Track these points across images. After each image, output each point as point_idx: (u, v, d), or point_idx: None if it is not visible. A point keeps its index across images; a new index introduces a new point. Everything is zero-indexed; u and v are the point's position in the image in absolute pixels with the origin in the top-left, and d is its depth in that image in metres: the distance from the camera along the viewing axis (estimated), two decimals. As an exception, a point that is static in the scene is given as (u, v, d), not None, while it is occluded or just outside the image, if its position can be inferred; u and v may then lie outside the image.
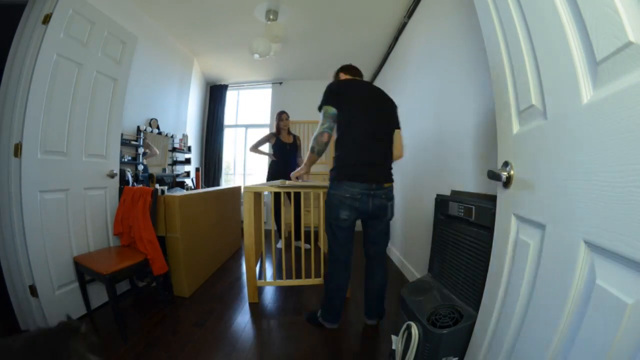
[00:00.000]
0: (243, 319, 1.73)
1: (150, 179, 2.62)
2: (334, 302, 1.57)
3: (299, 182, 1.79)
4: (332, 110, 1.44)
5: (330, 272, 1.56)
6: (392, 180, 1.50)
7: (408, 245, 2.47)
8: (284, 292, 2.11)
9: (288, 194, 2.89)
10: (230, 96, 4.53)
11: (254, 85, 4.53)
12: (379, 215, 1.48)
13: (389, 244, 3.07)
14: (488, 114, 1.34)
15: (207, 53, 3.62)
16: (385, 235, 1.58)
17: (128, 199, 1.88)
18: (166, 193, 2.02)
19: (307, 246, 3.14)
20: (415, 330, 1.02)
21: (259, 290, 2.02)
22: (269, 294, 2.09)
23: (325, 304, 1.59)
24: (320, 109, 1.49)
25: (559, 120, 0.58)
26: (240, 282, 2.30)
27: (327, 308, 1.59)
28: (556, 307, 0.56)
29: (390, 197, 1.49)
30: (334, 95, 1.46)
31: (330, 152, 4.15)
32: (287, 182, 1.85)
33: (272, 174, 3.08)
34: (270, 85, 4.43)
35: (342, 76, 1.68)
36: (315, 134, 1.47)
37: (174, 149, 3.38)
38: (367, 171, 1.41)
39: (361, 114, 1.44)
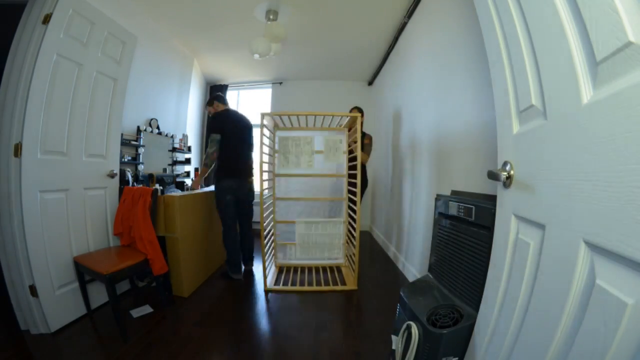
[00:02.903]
0: (243, 319, 1.73)
1: (150, 179, 2.62)
2: (234, 256, 2.26)
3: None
4: (218, 137, 2.16)
5: (224, 235, 2.25)
6: (252, 176, 2.42)
7: (408, 245, 2.47)
8: (285, 292, 2.11)
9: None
10: (231, 96, 4.52)
11: (254, 85, 4.53)
12: (247, 198, 2.37)
13: (389, 245, 3.08)
14: (488, 114, 1.34)
15: (207, 53, 3.61)
16: (251, 211, 2.47)
17: (128, 199, 1.88)
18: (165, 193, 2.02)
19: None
20: (415, 330, 1.02)
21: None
22: (270, 294, 2.09)
23: (229, 259, 2.28)
24: (208, 135, 2.20)
25: (559, 120, 0.58)
26: (239, 282, 2.30)
27: (231, 262, 2.28)
28: (556, 307, 0.56)
29: (251, 188, 2.40)
30: (219, 125, 2.20)
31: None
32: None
33: None
34: (270, 85, 4.43)
35: (218, 106, 2.35)
36: (207, 153, 2.14)
37: (174, 149, 3.38)
38: (239, 171, 2.29)
39: (234, 136, 2.25)
